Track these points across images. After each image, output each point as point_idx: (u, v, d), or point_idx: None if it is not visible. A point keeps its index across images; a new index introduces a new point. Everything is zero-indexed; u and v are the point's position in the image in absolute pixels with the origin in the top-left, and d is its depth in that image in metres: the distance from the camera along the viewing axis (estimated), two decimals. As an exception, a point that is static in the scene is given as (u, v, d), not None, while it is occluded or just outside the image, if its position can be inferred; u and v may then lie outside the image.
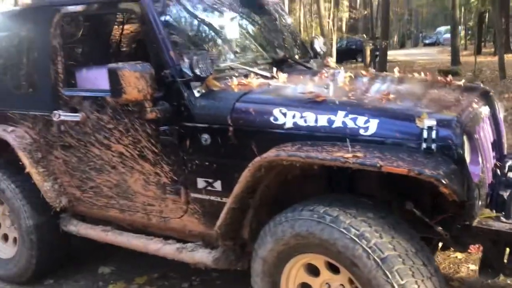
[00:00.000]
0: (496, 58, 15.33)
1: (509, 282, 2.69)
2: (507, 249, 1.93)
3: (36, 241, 2.93)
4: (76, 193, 2.84)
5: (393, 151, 1.78)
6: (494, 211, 1.98)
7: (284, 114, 2.07)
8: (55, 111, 2.70)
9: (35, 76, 2.83)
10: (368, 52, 16.53)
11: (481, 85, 2.61)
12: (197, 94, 2.31)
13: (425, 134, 1.77)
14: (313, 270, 2.01)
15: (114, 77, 2.21)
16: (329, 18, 12.25)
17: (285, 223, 1.92)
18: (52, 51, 2.70)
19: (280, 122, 2.06)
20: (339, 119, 1.95)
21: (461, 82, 2.59)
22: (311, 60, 3.23)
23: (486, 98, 2.39)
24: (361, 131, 1.89)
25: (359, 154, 1.76)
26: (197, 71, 2.25)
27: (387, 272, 1.64)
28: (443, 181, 1.61)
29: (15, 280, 3.12)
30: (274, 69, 2.67)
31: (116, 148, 2.56)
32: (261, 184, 2.13)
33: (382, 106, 2.00)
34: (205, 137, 2.25)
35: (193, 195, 2.37)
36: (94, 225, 2.85)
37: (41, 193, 2.87)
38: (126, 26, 3.28)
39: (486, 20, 24.00)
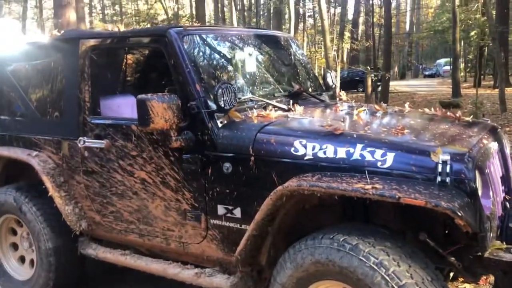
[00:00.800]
0: (495, 91, 15.59)
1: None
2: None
3: (55, 263, 3.00)
4: (96, 217, 2.92)
5: (409, 184, 1.88)
6: (504, 242, 2.07)
7: (305, 146, 2.18)
8: (80, 138, 2.82)
9: (61, 104, 2.95)
10: (369, 83, 16.82)
11: (489, 122, 2.73)
12: (220, 125, 2.43)
13: (439, 168, 1.88)
14: (331, 297, 2.08)
15: (143, 107, 2.34)
16: (333, 49, 12.56)
17: (305, 251, 2.01)
18: (79, 80, 2.84)
19: (300, 153, 2.18)
20: (357, 151, 2.06)
21: (470, 118, 2.71)
22: (324, 93, 3.37)
23: (494, 134, 2.51)
24: (379, 164, 2.00)
25: (378, 186, 1.86)
26: (221, 103, 2.38)
27: (405, 300, 1.73)
28: (458, 213, 1.71)
29: (30, 302, 3.17)
30: (291, 102, 2.81)
31: (139, 175, 2.66)
32: (280, 212, 2.22)
33: (399, 140, 2.12)
34: (227, 166, 2.36)
35: (212, 221, 2.46)
36: (112, 249, 2.92)
37: (61, 216, 2.96)
38: (151, 59, 3.43)
39: (486, 53, 24.43)
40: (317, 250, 1.96)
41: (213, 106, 2.44)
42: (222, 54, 2.78)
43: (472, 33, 22.22)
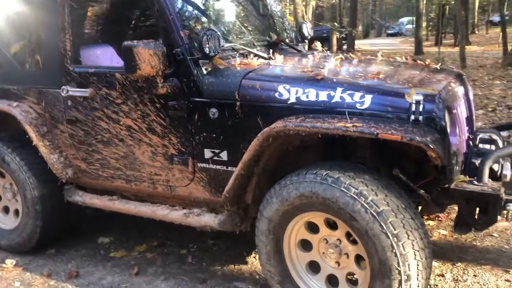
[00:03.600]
0: (456, 49, 16.06)
1: (474, 243, 3.06)
2: (478, 208, 2.25)
3: (41, 211, 3.07)
4: (82, 165, 2.99)
5: (386, 122, 2.05)
6: (467, 176, 2.30)
7: (288, 91, 2.31)
8: (63, 87, 2.85)
9: (42, 54, 2.95)
10: (335, 41, 16.96)
11: (455, 69, 2.93)
12: (204, 72, 2.51)
13: (413, 108, 2.06)
14: (312, 228, 2.28)
15: (129, 53, 2.39)
16: (302, 5, 12.57)
17: (290, 186, 2.18)
18: (60, 29, 2.83)
19: (284, 97, 2.30)
20: (338, 94, 2.21)
21: (438, 66, 2.90)
22: (300, 44, 3.48)
23: (460, 79, 2.71)
24: (357, 105, 2.16)
25: (357, 124, 2.03)
26: (206, 50, 2.45)
27: (382, 224, 1.93)
28: (431, 146, 1.91)
29: (17, 250, 3.26)
30: (271, 51, 2.91)
31: (125, 122, 2.73)
32: (265, 154, 2.37)
33: (375, 84, 2.28)
34: (213, 111, 2.47)
35: (199, 164, 2.58)
36: (99, 195, 3.02)
37: (46, 165, 3.02)
38: (132, 7, 3.42)
39: (447, 12, 24.89)
40: (302, 184, 2.13)
41: (198, 53, 2.51)
42: (203, 3, 2.82)
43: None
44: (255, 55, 2.80)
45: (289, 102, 2.29)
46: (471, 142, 2.51)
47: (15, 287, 2.92)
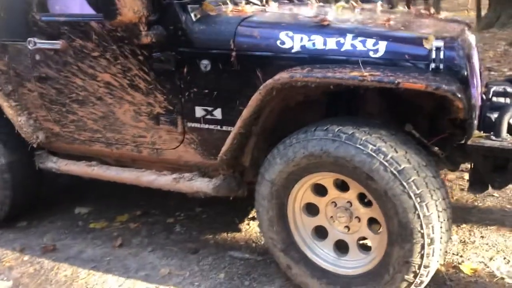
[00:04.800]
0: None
1: (476, 203, 2.95)
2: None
3: (10, 180, 2.76)
4: (55, 128, 2.68)
5: (404, 71, 1.84)
6: (482, 131, 2.14)
7: (291, 38, 2.05)
8: (30, 39, 2.50)
9: (2, 1, 2.57)
10: None
11: (461, 19, 2.74)
12: (194, 19, 2.23)
13: (433, 55, 1.85)
14: (319, 190, 2.08)
15: (108, -3, 2.07)
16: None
17: (296, 144, 1.96)
18: (23, -29, 2.46)
19: (287, 46, 2.05)
20: (348, 41, 1.98)
21: (442, 16, 2.70)
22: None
23: (469, 29, 2.52)
24: (371, 53, 1.93)
25: (374, 73, 1.80)
26: None
27: (404, 183, 1.74)
28: (458, 96, 1.71)
29: (-16, 223, 2.95)
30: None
31: (103, 78, 2.43)
32: (265, 110, 2.13)
33: (388, 30, 2.05)
34: (205, 64, 2.19)
35: (190, 124, 2.32)
36: (76, 161, 2.72)
37: (13, 129, 2.69)
38: None
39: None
40: (310, 142, 1.91)
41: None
42: None
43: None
44: (248, 1, 2.52)
45: (292, 51, 2.04)
46: (484, 96, 2.34)
47: (-16, 264, 2.64)
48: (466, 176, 3.00)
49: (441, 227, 1.78)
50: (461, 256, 2.42)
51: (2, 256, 2.70)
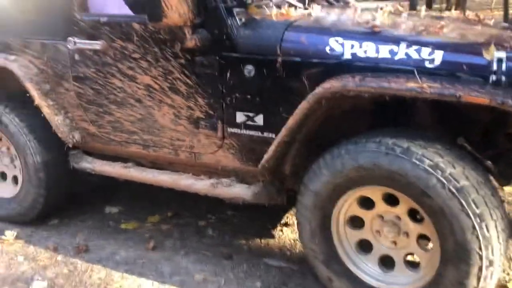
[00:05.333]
0: (449, 14, 15.56)
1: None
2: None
3: (45, 178, 2.75)
4: (90, 128, 2.66)
5: (462, 83, 1.76)
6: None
7: (342, 45, 1.99)
8: (70, 38, 2.47)
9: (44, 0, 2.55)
10: None
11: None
12: (239, 23, 2.17)
13: (494, 67, 1.76)
14: (366, 203, 2.01)
15: (154, -1, 2.03)
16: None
17: (346, 156, 1.89)
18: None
19: (336, 52, 1.98)
20: (402, 50, 1.90)
21: (491, 22, 2.59)
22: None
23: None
24: (426, 63, 1.86)
25: (433, 85, 1.73)
26: None
27: (463, 202, 1.67)
28: None
29: (17, 220, 2.94)
30: (306, 1, 2.56)
31: (142, 80, 2.39)
32: (311, 118, 2.07)
33: (444, 38, 1.97)
34: (249, 69, 2.14)
35: (230, 129, 2.28)
36: (112, 162, 2.70)
37: (50, 128, 2.67)
38: None
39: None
40: (361, 154, 1.85)
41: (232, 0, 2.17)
42: None
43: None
44: (290, 4, 2.45)
45: (342, 58, 1.97)
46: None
47: (18, 262, 2.63)
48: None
49: (500, 249, 1.71)
50: (507, 274, 2.34)
51: (36, 254, 2.69)
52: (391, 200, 1.94)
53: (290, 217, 2.98)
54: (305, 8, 2.46)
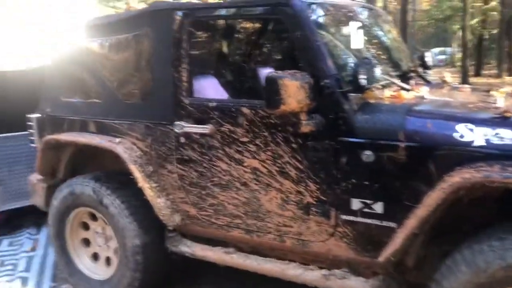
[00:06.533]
0: (498, 80, 15.30)
1: None
2: None
3: (142, 262, 2.69)
4: (191, 210, 2.62)
5: None
6: None
7: (471, 130, 1.89)
8: (178, 122, 2.50)
9: (150, 84, 2.62)
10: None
11: None
12: (356, 107, 2.13)
13: None
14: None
15: (273, 86, 2.04)
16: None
17: (490, 253, 1.73)
18: (175, 57, 2.51)
19: (467, 139, 1.88)
20: (542, 137, 1.78)
21: None
22: (425, 73, 3.08)
23: None
24: None
25: None
26: (362, 81, 2.08)
27: None
28: None
29: (109, 303, 2.87)
30: (412, 82, 2.52)
31: (250, 164, 2.35)
32: (442, 207, 1.93)
33: None
34: (367, 154, 2.06)
35: (344, 217, 2.17)
36: (212, 246, 2.62)
37: (149, 210, 2.65)
38: (264, 32, 3.08)
39: (488, 42, 24.21)
40: (510, 253, 1.68)
41: (347, 85, 2.14)
42: (343, 28, 2.46)
43: (474, 21, 22.02)
44: (400, 87, 2.41)
45: (474, 145, 1.87)
46: None
47: None
48: None
49: None
50: None
51: None
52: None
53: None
54: (410, 89, 2.40)
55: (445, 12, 29.40)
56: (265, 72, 2.97)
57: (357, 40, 2.45)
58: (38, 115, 3.17)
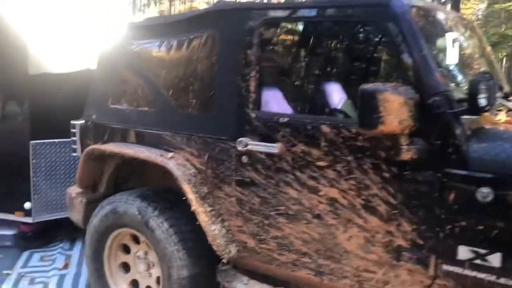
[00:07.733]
0: None
1: None
2: None
3: (189, 296, 2.33)
4: (249, 241, 2.24)
5: None
6: None
7: None
8: (241, 138, 2.15)
9: (211, 93, 2.29)
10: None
11: None
12: (469, 132, 1.73)
13: None
14: None
15: (371, 101, 1.66)
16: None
17: None
18: (243, 64, 2.17)
19: None
20: None
21: None
22: None
23: None
24: None
25: None
26: (482, 102, 1.68)
27: None
28: None
29: None
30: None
31: (327, 193, 1.97)
32: None
33: None
34: (484, 192, 1.65)
35: (446, 267, 1.75)
36: (273, 287, 2.23)
37: (202, 237, 2.29)
38: (351, 40, 2.71)
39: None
40: None
41: (460, 105, 1.75)
42: (450, 36, 2.06)
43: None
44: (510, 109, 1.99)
45: None
46: None
47: None
48: None
49: None
50: None
51: None
52: None
53: None
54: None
55: (491, 39, 28.53)
56: (337, 87, 2.61)
57: (464, 52, 2.06)
58: (82, 121, 2.89)
